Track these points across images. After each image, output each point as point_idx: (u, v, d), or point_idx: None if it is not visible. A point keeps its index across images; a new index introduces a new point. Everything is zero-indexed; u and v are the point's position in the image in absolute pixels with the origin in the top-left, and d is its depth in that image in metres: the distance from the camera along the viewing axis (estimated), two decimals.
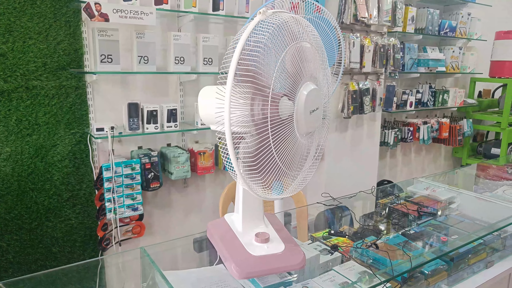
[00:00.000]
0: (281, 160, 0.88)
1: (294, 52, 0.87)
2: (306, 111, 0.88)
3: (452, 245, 1.31)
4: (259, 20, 0.81)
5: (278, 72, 0.84)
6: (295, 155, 0.92)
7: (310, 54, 0.90)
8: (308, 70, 0.90)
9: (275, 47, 0.83)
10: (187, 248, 1.32)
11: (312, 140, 0.97)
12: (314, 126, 0.93)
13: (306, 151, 0.96)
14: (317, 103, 0.91)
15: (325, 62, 0.96)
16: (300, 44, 0.88)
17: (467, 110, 4.41)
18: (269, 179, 0.90)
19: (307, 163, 0.98)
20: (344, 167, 3.23)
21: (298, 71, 0.88)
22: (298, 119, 0.88)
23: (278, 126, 0.85)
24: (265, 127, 0.83)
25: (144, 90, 2.41)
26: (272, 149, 0.85)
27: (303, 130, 0.90)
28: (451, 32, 3.79)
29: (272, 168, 0.87)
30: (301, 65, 0.88)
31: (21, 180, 2.10)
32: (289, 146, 0.89)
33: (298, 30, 0.88)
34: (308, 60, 0.90)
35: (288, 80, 0.86)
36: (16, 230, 2.12)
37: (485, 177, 2.18)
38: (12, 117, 2.03)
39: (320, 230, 1.42)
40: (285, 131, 0.87)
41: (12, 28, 1.96)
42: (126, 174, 2.21)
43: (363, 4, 2.89)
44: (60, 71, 2.11)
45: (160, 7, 2.23)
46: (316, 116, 0.92)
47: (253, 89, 0.81)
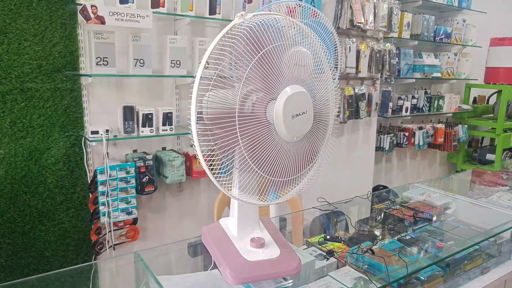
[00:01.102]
0: (255, 163, 0.87)
1: (272, 54, 0.86)
2: (287, 115, 0.86)
3: (448, 251, 1.31)
4: (233, 24, 0.84)
5: (252, 74, 0.84)
6: (280, 161, 0.91)
7: (297, 56, 0.89)
8: (293, 73, 0.88)
9: (247, 50, 0.84)
10: (182, 252, 1.31)
11: (305, 146, 0.95)
12: (300, 131, 0.90)
13: (297, 157, 0.94)
14: (303, 107, 0.89)
15: (320, 66, 0.95)
16: (280, 46, 0.86)
17: (462, 116, 4.44)
18: (245, 182, 0.91)
19: (302, 170, 0.97)
20: (340, 171, 3.23)
21: (277, 74, 0.86)
22: (277, 123, 0.87)
23: (247, 127, 0.85)
24: (233, 126, 0.84)
25: (139, 93, 2.40)
26: (244, 153, 0.86)
27: (285, 134, 0.88)
28: (447, 38, 3.82)
29: (245, 170, 0.88)
30: (281, 68, 0.86)
31: (14, 183, 2.08)
32: (269, 150, 0.88)
33: (281, 33, 0.87)
34: (294, 63, 0.88)
35: (266, 82, 0.86)
36: (9, 233, 2.10)
37: (480, 183, 2.19)
38: (6, 119, 2.01)
39: (316, 235, 1.41)
40: (260, 133, 0.86)
41: (7, 30, 1.95)
42: (120, 177, 2.20)
43: (359, 9, 2.90)
44: (55, 73, 2.10)
45: (156, 10, 2.23)
46: (301, 120, 0.89)
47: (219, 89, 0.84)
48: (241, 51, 0.83)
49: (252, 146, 0.87)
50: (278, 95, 0.86)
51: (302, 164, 0.96)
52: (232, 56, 0.83)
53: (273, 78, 0.86)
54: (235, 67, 0.84)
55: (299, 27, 0.92)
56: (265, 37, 0.85)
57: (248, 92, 0.87)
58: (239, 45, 0.83)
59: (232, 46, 0.83)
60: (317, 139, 0.98)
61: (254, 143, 0.87)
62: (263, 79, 0.86)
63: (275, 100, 0.87)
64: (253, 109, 0.87)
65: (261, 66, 0.85)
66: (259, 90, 0.87)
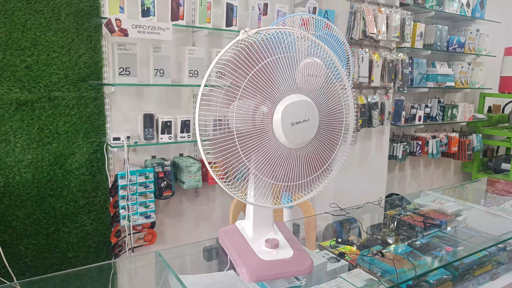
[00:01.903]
0: (257, 167, 0.93)
1: (271, 66, 0.91)
2: (286, 122, 0.91)
3: (457, 255, 1.34)
4: (237, 39, 0.91)
5: (249, 85, 0.90)
6: (283, 166, 0.96)
7: (300, 67, 0.94)
8: (294, 82, 0.93)
9: (247, 63, 0.90)
10: (199, 254, 1.36)
11: (313, 153, 0.99)
12: (302, 138, 0.94)
13: (303, 163, 0.98)
14: (305, 115, 0.93)
15: (328, 75, 0.99)
16: (282, 58, 0.92)
17: (477, 125, 4.42)
18: (260, 188, 0.97)
19: (310, 176, 1.01)
20: (353, 179, 3.27)
21: (276, 84, 0.92)
22: (276, 130, 0.92)
23: (248, 134, 0.92)
24: (231, 134, 0.91)
25: (158, 102, 2.50)
26: (242, 156, 0.92)
27: (285, 141, 0.93)
28: (460, 48, 3.84)
29: (244, 173, 0.95)
30: (281, 79, 0.92)
31: (40, 187, 2.18)
32: (270, 156, 0.94)
33: (282, 47, 0.92)
34: (301, 73, 0.93)
35: (264, 92, 0.91)
36: (34, 234, 2.20)
37: (493, 192, 2.19)
38: (34, 126, 2.12)
39: (328, 240, 1.46)
40: (261, 139, 0.92)
41: (37, 42, 2.07)
42: (140, 182, 2.29)
43: (372, 20, 2.96)
44: (81, 82, 2.21)
45: (176, 23, 2.33)
46: (302, 128, 0.93)
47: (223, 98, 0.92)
48: (242, 63, 0.90)
49: (253, 152, 0.93)
50: (278, 103, 0.92)
51: (310, 169, 1.00)
52: (235, 69, 0.91)
53: (270, 88, 0.91)
54: (236, 79, 0.92)
55: (307, 39, 0.97)
56: (264, 51, 0.91)
57: (251, 102, 0.93)
58: (242, 57, 0.90)
59: (232, 60, 0.90)
60: (327, 146, 1.01)
61: (254, 149, 0.93)
62: (261, 90, 0.92)
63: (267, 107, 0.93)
64: (253, 118, 0.93)
65: (258, 78, 0.91)
66: (260, 100, 0.93)
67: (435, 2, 3.49)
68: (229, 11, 2.48)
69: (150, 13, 2.22)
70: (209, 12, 2.42)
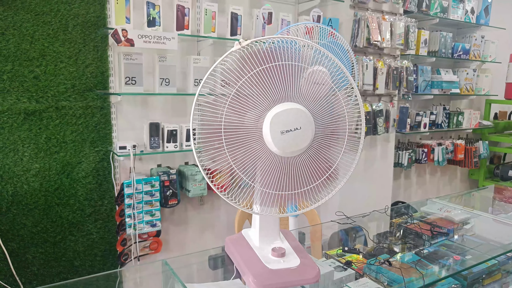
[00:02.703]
0: (246, 174, 0.95)
1: (262, 75, 0.92)
2: (275, 130, 0.91)
3: (465, 264, 1.33)
4: (231, 50, 0.93)
5: (238, 93, 0.93)
6: (276, 175, 0.96)
7: (292, 75, 0.94)
8: (286, 91, 0.93)
9: (238, 72, 0.93)
10: (205, 262, 1.36)
11: (311, 161, 0.98)
12: (293, 146, 0.93)
13: (299, 172, 0.98)
14: (296, 124, 0.92)
15: (327, 83, 0.97)
16: (273, 67, 0.93)
17: (483, 132, 4.40)
18: (240, 193, 0.98)
19: (308, 185, 1.00)
20: (358, 187, 3.26)
21: (265, 93, 0.93)
22: (266, 138, 0.92)
23: (236, 140, 0.93)
24: (220, 138, 0.93)
25: (164, 111, 2.51)
26: (230, 162, 0.94)
27: (275, 149, 0.93)
28: (465, 55, 3.83)
29: (235, 181, 0.96)
30: (270, 87, 0.93)
31: (48, 195, 2.20)
32: (262, 165, 0.94)
33: (279, 54, 0.93)
34: (287, 81, 0.93)
35: (252, 100, 0.93)
36: (42, 243, 2.21)
37: (500, 199, 2.18)
38: (42, 135, 2.14)
39: (334, 249, 1.45)
40: (251, 149, 0.94)
41: (45, 53, 2.10)
42: (146, 191, 2.30)
43: (376, 28, 2.98)
44: (87, 92, 2.23)
45: (181, 32, 2.35)
46: (293, 137, 0.92)
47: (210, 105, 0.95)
48: (235, 73, 0.93)
49: (245, 161, 0.94)
50: (268, 111, 0.92)
51: (309, 179, 0.99)
52: (229, 77, 0.94)
53: (258, 96, 0.93)
54: (228, 87, 0.94)
55: (307, 47, 0.98)
56: (256, 61, 0.92)
57: (245, 109, 0.94)
58: (235, 66, 0.92)
59: (224, 69, 0.93)
60: (327, 155, 0.99)
61: (246, 158, 0.94)
62: (249, 98, 0.93)
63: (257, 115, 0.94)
64: (242, 126, 0.94)
65: (247, 87, 0.93)
66: (249, 108, 0.94)
67: (439, 9, 3.50)
68: (234, 21, 2.50)
69: (155, 23, 2.24)
70: (214, 22, 2.45)
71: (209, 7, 2.41)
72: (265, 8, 2.61)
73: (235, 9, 2.49)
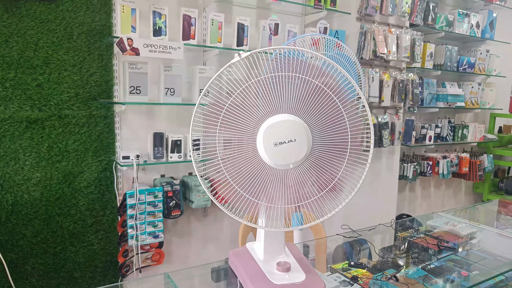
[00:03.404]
0: (242, 187, 0.95)
1: (256, 86, 0.93)
2: (268, 142, 0.90)
3: (473, 281, 1.30)
4: (231, 62, 0.96)
5: (234, 105, 0.94)
6: (274, 187, 0.95)
7: (287, 87, 0.92)
8: (281, 102, 0.92)
9: (234, 84, 0.95)
10: (208, 275, 1.34)
11: (311, 174, 0.95)
12: (287, 159, 0.91)
13: (297, 184, 0.95)
14: (291, 136, 0.90)
15: (327, 95, 0.94)
16: (269, 78, 0.92)
17: (488, 145, 4.37)
18: (234, 203, 0.99)
19: (308, 199, 0.97)
20: (363, 199, 3.23)
21: (259, 104, 0.92)
22: (260, 150, 0.92)
23: (230, 152, 0.94)
24: (215, 150, 0.95)
25: (169, 120, 2.50)
26: (225, 174, 0.96)
27: (269, 161, 0.92)
28: (470, 68, 3.83)
29: (229, 190, 0.98)
30: (264, 99, 0.92)
31: (48, 205, 2.17)
32: (258, 177, 0.94)
33: (279, 66, 0.92)
34: (284, 93, 0.92)
35: (250, 112, 0.93)
36: (41, 254, 2.18)
37: (506, 214, 2.15)
38: (44, 144, 2.13)
39: (338, 262, 1.43)
40: (245, 160, 0.94)
41: (49, 61, 2.09)
42: (148, 201, 2.27)
43: (382, 41, 2.97)
44: (91, 101, 2.22)
45: (187, 42, 2.35)
46: (287, 149, 0.91)
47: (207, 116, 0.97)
48: (231, 84, 0.95)
49: (237, 171, 0.95)
50: (263, 123, 0.92)
51: (310, 192, 0.96)
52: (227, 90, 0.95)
53: (252, 108, 0.93)
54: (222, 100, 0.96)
55: (311, 58, 0.96)
56: (253, 72, 0.93)
57: (239, 121, 0.95)
58: (234, 78, 0.94)
59: (221, 80, 0.96)
60: (330, 168, 0.96)
61: (239, 169, 0.94)
62: (242, 110, 0.93)
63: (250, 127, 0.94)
64: (237, 136, 0.94)
65: (240, 99, 0.93)
66: (245, 119, 0.94)
67: (445, 23, 3.50)
68: (240, 31, 2.50)
69: (161, 32, 2.24)
70: (220, 32, 2.45)
71: (215, 17, 2.41)
72: (272, 19, 2.61)
73: (241, 19, 2.49)
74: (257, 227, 1.03)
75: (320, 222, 1.01)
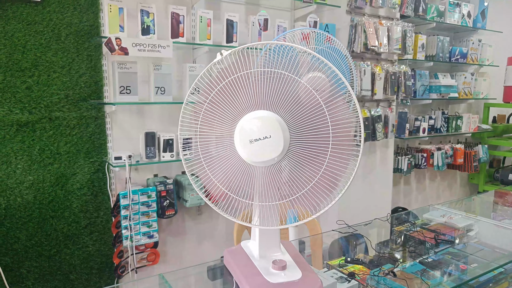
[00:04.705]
0: (224, 185, 0.96)
1: (235, 83, 0.93)
2: (244, 139, 0.89)
3: (472, 274, 1.29)
4: (214, 61, 0.97)
5: (213, 103, 0.95)
6: (249, 182, 0.94)
7: (266, 84, 0.91)
8: (258, 98, 0.91)
9: (209, 83, 0.96)
10: (203, 275, 1.33)
11: (294, 171, 0.93)
12: (263, 156, 0.89)
13: (276, 180, 0.93)
14: (266, 132, 0.88)
15: (304, 89, 0.91)
16: (244, 75, 0.92)
17: (482, 135, 4.38)
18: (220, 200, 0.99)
19: (292, 195, 0.95)
20: (358, 193, 3.22)
21: (236, 101, 0.92)
22: (237, 147, 0.91)
23: (209, 149, 0.95)
24: (196, 148, 0.96)
25: (160, 120, 2.48)
26: (207, 172, 0.96)
27: (247, 158, 0.90)
28: (462, 59, 3.82)
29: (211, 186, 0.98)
30: (239, 96, 0.92)
31: (42, 208, 2.15)
32: (235, 171, 0.94)
33: (252, 63, 0.92)
34: (261, 89, 0.91)
35: (227, 109, 0.93)
36: (36, 257, 2.16)
37: (503, 204, 2.15)
38: (35, 147, 2.10)
39: (335, 257, 1.41)
40: (224, 158, 0.94)
41: (38, 63, 2.06)
42: (142, 201, 2.25)
43: (373, 33, 2.96)
44: (81, 102, 2.19)
45: (176, 40, 2.32)
46: (262, 145, 0.89)
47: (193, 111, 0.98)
48: (213, 82, 0.95)
49: (219, 169, 0.94)
50: (239, 121, 0.91)
51: (297, 189, 0.94)
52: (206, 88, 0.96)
53: (229, 105, 0.92)
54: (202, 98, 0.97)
55: (294, 52, 0.94)
56: (232, 69, 0.93)
57: (216, 118, 0.95)
58: (215, 77, 0.95)
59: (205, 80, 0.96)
60: (309, 165, 0.93)
61: (220, 166, 0.94)
62: (219, 107, 0.93)
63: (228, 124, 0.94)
64: (216, 133, 0.94)
65: (219, 96, 0.93)
66: (223, 116, 0.94)
67: (436, 14, 3.49)
68: (229, 28, 2.47)
69: (150, 31, 2.22)
70: (209, 29, 2.42)
71: (204, 14, 2.38)
72: (261, 14, 2.58)
73: (230, 16, 2.46)
74: (250, 226, 1.01)
75: (315, 218, 1.00)
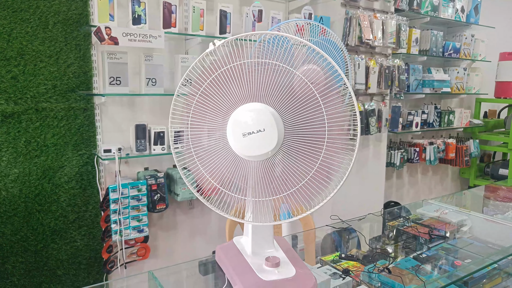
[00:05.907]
0: (217, 179, 0.94)
1: (227, 74, 0.90)
2: (237, 133, 0.86)
3: (466, 270, 1.28)
4: (206, 51, 0.95)
5: (204, 95, 0.92)
6: (242, 177, 0.91)
7: (262, 74, 0.88)
8: (251, 90, 0.88)
9: (201, 75, 0.93)
10: (193, 271, 1.31)
11: (283, 166, 0.90)
12: (256, 150, 0.87)
13: (270, 175, 0.90)
14: (259, 125, 0.86)
15: (300, 82, 0.88)
16: (237, 66, 0.89)
17: (473, 130, 4.40)
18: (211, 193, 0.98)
19: (286, 191, 0.92)
20: (350, 188, 3.21)
21: (228, 93, 0.89)
22: (230, 141, 0.88)
23: (201, 143, 0.93)
24: (188, 141, 0.94)
25: (151, 112, 2.43)
26: (199, 166, 0.94)
27: (240, 152, 0.88)
28: (455, 54, 3.82)
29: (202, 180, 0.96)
30: (232, 87, 0.89)
31: (28, 202, 2.09)
32: (228, 166, 0.91)
33: (244, 55, 0.89)
34: (253, 82, 0.88)
35: (219, 102, 0.90)
36: (22, 252, 2.11)
37: (495, 199, 2.15)
38: (21, 139, 2.04)
39: (327, 252, 1.40)
40: (217, 151, 0.92)
41: (24, 52, 1.99)
42: (132, 195, 2.21)
43: (367, 26, 2.93)
44: (70, 93, 2.13)
45: (168, 31, 2.27)
46: (255, 139, 0.86)
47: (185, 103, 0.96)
48: (205, 73, 0.92)
49: (210, 163, 0.92)
50: (231, 114, 0.88)
51: (291, 184, 0.91)
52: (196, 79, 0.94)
53: (221, 97, 0.89)
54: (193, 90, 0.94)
55: (287, 43, 0.91)
56: (224, 60, 0.90)
57: (208, 110, 0.92)
58: (207, 68, 0.92)
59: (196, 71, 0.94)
60: (304, 159, 0.90)
61: (211, 160, 0.92)
62: (211, 100, 0.90)
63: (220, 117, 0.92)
64: (211, 126, 0.91)
65: (210, 88, 0.91)
66: (215, 108, 0.91)
67: (430, 8, 3.47)
68: (223, 18, 2.42)
69: (141, 20, 2.16)
70: (202, 20, 2.37)
71: (197, 4, 2.33)
72: (255, 5, 2.54)
73: (224, 6, 2.41)
74: (243, 222, 0.98)
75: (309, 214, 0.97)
